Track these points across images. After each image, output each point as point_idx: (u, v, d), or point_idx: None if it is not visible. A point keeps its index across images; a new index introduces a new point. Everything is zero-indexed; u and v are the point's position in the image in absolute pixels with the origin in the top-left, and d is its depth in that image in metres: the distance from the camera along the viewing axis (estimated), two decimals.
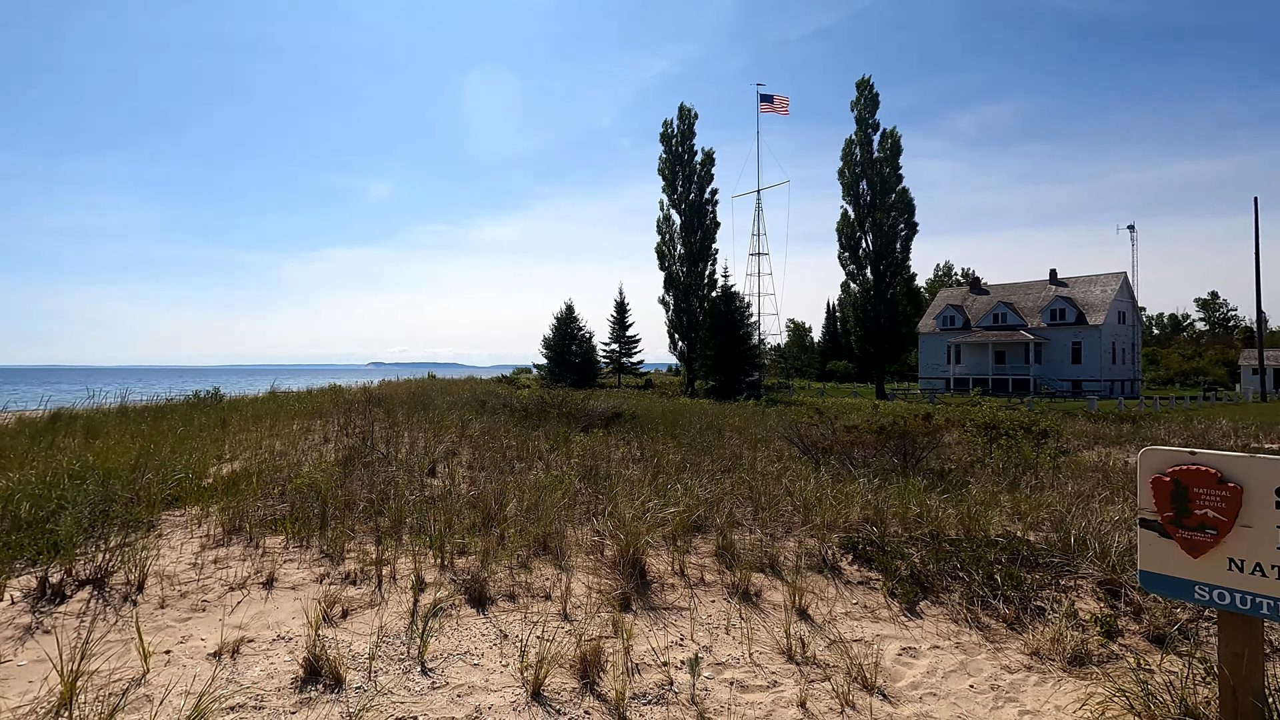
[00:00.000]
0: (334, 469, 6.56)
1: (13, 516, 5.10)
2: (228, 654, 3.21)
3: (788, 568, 4.64)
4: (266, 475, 6.41)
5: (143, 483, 5.92)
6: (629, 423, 12.95)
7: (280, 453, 8.50)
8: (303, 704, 2.83)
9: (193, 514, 5.49)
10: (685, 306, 43.10)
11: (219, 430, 10.48)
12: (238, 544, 4.77)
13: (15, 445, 8.49)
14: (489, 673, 3.18)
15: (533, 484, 6.31)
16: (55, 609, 3.58)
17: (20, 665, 3.04)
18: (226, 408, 13.70)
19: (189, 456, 7.50)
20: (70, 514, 4.88)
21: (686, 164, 43.22)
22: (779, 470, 7.75)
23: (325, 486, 5.64)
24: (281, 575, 4.21)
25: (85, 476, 5.85)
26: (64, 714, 2.65)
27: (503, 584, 4.18)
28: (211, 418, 12.05)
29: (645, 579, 4.38)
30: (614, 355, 50.70)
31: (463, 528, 5.04)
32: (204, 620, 3.58)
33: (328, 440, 9.84)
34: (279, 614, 3.69)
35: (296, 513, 5.16)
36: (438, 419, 11.72)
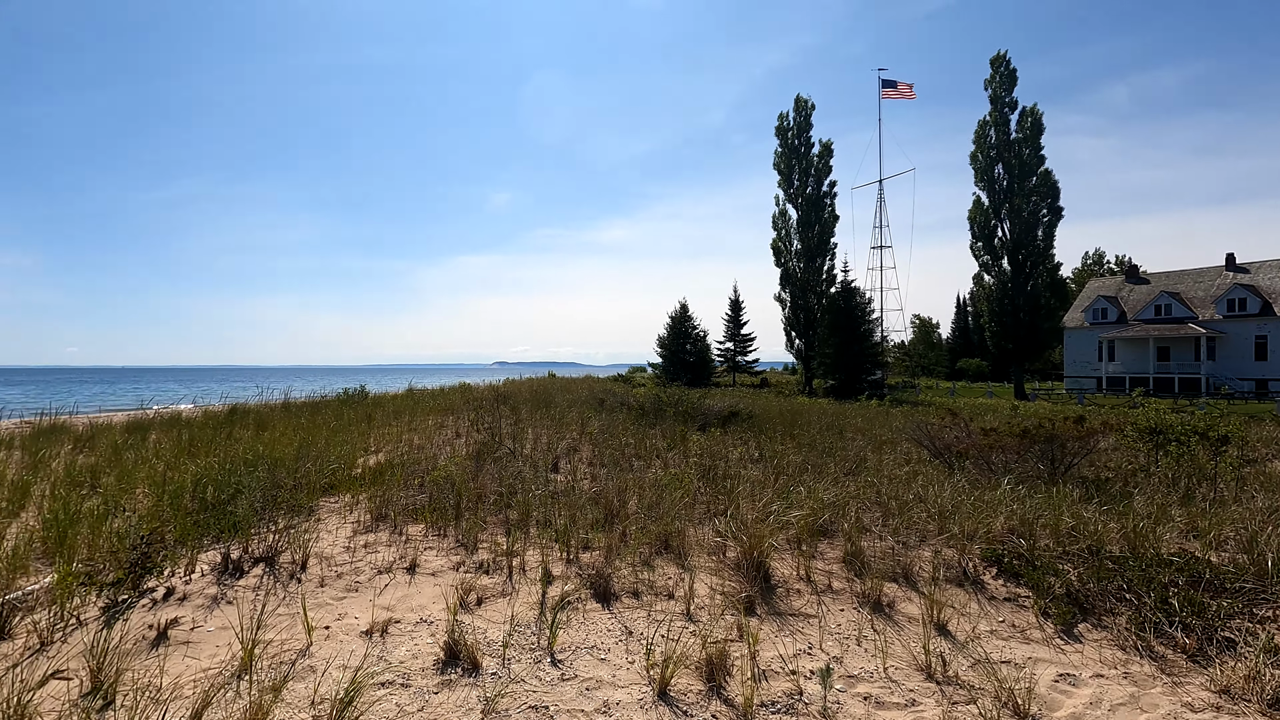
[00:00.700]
0: (466, 463, 6.93)
1: (200, 499, 5.82)
2: (378, 633, 3.47)
3: (923, 579, 4.36)
4: (407, 467, 6.88)
5: (304, 471, 6.54)
6: (746, 422, 12.77)
7: (418, 446, 9.11)
8: (444, 685, 2.99)
9: (345, 501, 6.00)
10: (802, 303, 41.90)
11: (365, 425, 11.42)
12: (384, 530, 5.16)
13: (201, 436, 9.69)
14: (615, 668, 3.22)
15: (652, 482, 6.36)
16: (236, 583, 4.03)
17: (209, 631, 3.44)
18: (371, 404, 14.91)
19: (341, 449, 8.22)
20: (246, 498, 5.49)
21: (803, 157, 41.98)
22: (908, 474, 7.32)
23: (459, 479, 5.97)
24: (423, 562, 4.50)
25: (257, 464, 6.56)
26: (244, 678, 2.96)
27: (626, 581, 4.23)
28: (359, 413, 13.16)
29: (769, 583, 4.28)
30: (728, 354, 50.24)
31: (586, 523, 5.16)
32: (357, 600, 3.89)
33: (459, 435, 10.44)
34: (421, 598, 3.94)
35: (434, 503, 5.50)
36: (558, 417, 12.12)
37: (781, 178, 42.76)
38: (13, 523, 5.55)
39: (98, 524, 4.97)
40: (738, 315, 50.12)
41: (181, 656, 3.16)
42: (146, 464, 7.61)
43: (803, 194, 41.79)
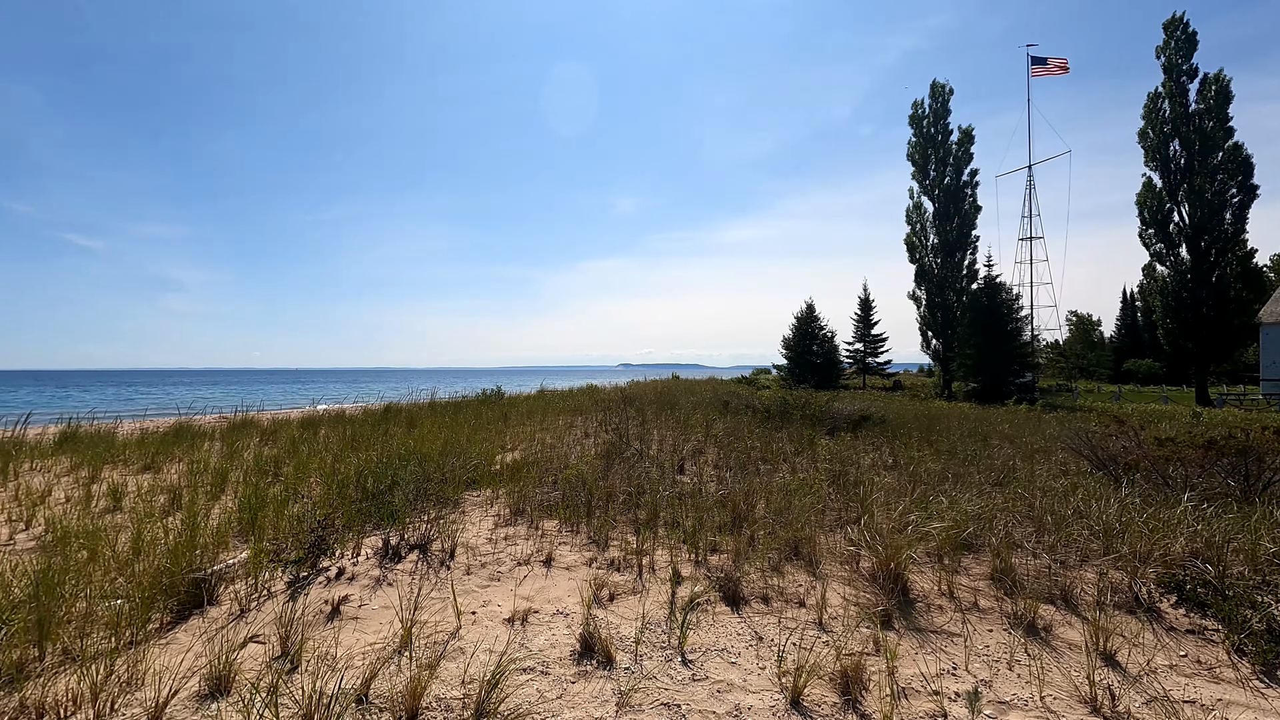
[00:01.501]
0: (596, 462, 7.16)
1: (363, 488, 6.44)
2: (518, 621, 3.67)
3: (1086, 603, 3.97)
4: (541, 465, 7.22)
5: (450, 467, 7.05)
6: (878, 427, 12.20)
7: (550, 445, 9.52)
8: (580, 676, 3.12)
9: (486, 495, 6.40)
10: (940, 301, 39.35)
11: (502, 424, 12.11)
12: (522, 524, 5.45)
13: (361, 432, 10.71)
14: (746, 673, 3.20)
15: (779, 487, 6.25)
16: (395, 566, 4.42)
17: (374, 609, 3.80)
18: (506, 405, 15.79)
19: (481, 446, 8.78)
20: (401, 490, 6.01)
21: (940, 145, 39.46)
22: (1066, 487, 6.67)
23: (590, 478, 6.18)
24: (557, 556, 4.71)
25: (409, 459, 7.15)
26: (404, 654, 3.25)
27: (755, 585, 4.19)
28: (495, 413, 13.98)
29: (908, 597, 4.07)
30: (858, 355, 48.22)
31: (713, 525, 5.17)
32: (499, 589, 4.14)
33: (588, 436, 10.80)
34: (557, 591, 4.13)
35: (567, 500, 5.74)
36: (683, 418, 12.20)
37: (916, 169, 40.44)
38: (215, 504, 6.44)
39: (280, 508, 5.64)
40: (868, 315, 47.99)
41: (351, 630, 3.52)
42: (317, 456, 8.52)
43: (940, 185, 39.29)
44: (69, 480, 7.62)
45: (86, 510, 6.21)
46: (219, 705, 2.80)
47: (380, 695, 2.86)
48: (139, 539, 4.81)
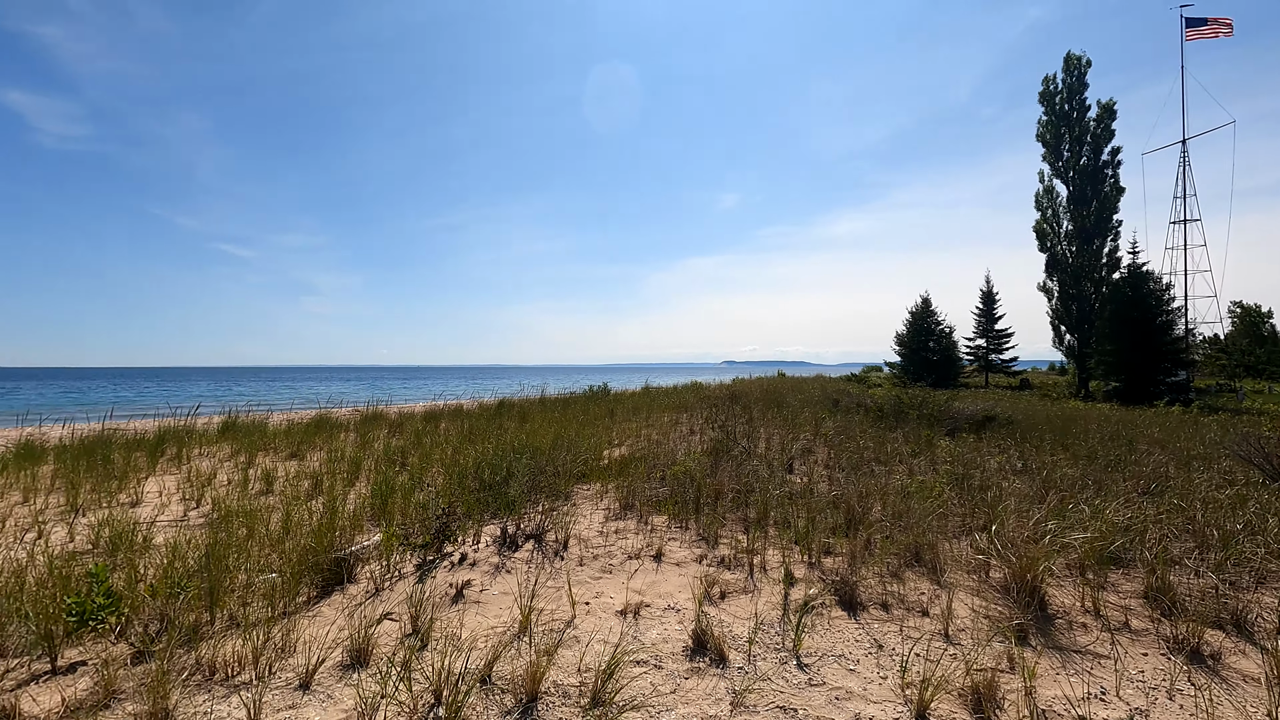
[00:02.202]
0: (703, 459, 7.13)
1: (480, 479, 6.75)
2: (630, 614, 3.71)
3: (1264, 630, 3.51)
4: (649, 461, 7.28)
5: (561, 460, 7.26)
6: (1004, 428, 11.37)
7: (656, 441, 9.59)
8: (693, 672, 3.11)
9: (596, 489, 6.54)
10: (1075, 293, 36.04)
11: (608, 420, 12.34)
12: (631, 519, 5.52)
13: (478, 425, 11.25)
14: (866, 681, 3.07)
15: (896, 489, 5.96)
16: (512, 555, 4.60)
17: (494, 595, 3.97)
18: (613, 401, 16.08)
19: (589, 440, 8.98)
20: (516, 482, 6.25)
21: (1075, 123, 36.10)
22: (1233, 498, 5.92)
23: (698, 475, 6.16)
24: (667, 552, 4.73)
25: (522, 452, 7.43)
26: (523, 639, 3.37)
27: (874, 591, 4.01)
28: (602, 409, 14.27)
29: (1045, 612, 3.76)
30: (979, 352, 45.14)
31: (825, 527, 5.01)
32: (611, 582, 4.21)
33: (693, 433, 10.79)
34: (667, 586, 4.14)
35: (675, 496, 5.75)
36: (791, 417, 11.93)
37: (1047, 150, 37.27)
38: (351, 490, 6.97)
39: (407, 496, 6.02)
40: (991, 308, 44.81)
41: (474, 613, 3.70)
42: (439, 447, 9.04)
43: (1075, 166, 35.99)
44: (229, 465, 8.52)
45: (244, 492, 6.92)
46: (359, 675, 3.03)
47: (502, 677, 2.98)
48: (288, 519, 5.29)
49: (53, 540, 5.27)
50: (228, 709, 2.77)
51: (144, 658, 3.20)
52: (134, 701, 2.80)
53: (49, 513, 6.12)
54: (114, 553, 4.80)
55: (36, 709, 2.76)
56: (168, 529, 5.65)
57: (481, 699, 2.83)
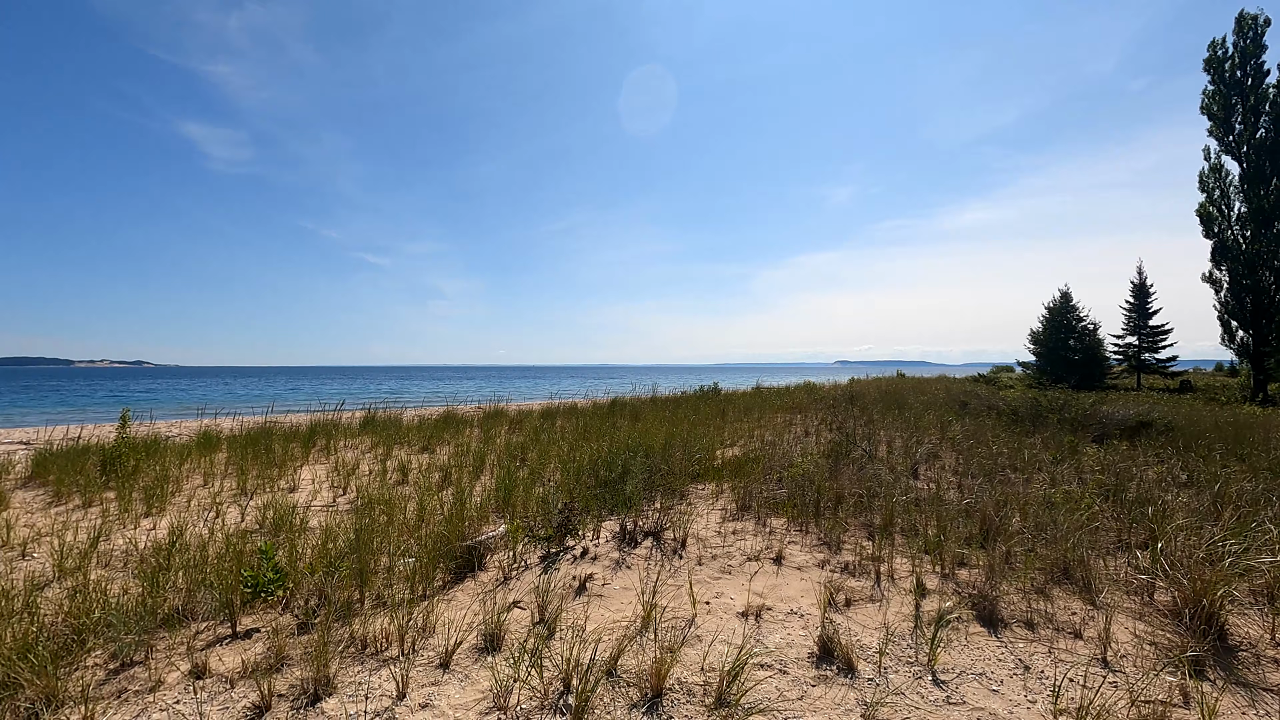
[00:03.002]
0: (821, 462, 6.92)
1: (596, 476, 6.91)
2: (752, 616, 3.66)
3: None
4: (764, 462, 7.16)
5: (674, 459, 7.29)
6: (1163, 435, 10.20)
7: (769, 442, 9.41)
8: (820, 680, 3.01)
9: (711, 489, 6.51)
10: (1249, 283, 31.67)
11: (719, 420, 12.25)
12: (749, 520, 5.45)
13: (592, 423, 11.52)
14: (1011, 704, 2.85)
15: (1038, 499, 5.50)
16: (631, 551, 4.67)
17: (615, 589, 4.05)
18: (723, 401, 15.97)
19: (702, 440, 8.96)
20: (632, 480, 6.35)
21: (1250, 91, 31.71)
22: None
23: (817, 478, 5.98)
24: (787, 555, 4.62)
25: (636, 451, 7.53)
26: (645, 634, 3.41)
27: (1017, 608, 3.72)
28: (713, 408, 14.19)
29: (1225, 642, 3.33)
30: (1129, 351, 40.75)
31: (958, 537, 4.71)
32: (730, 582, 4.17)
33: (808, 434, 10.50)
34: (789, 590, 4.05)
35: (794, 499, 5.61)
36: (913, 419, 11.32)
37: (1214, 123, 33.02)
38: (477, 483, 7.35)
39: (528, 490, 6.26)
40: (1144, 302, 40.32)
41: (597, 606, 3.78)
42: (555, 444, 9.35)
43: (1250, 140, 31.67)
44: (370, 456, 9.24)
45: (383, 482, 7.47)
46: (493, 659, 3.18)
47: (627, 670, 3.03)
48: (422, 508, 5.66)
49: (227, 519, 5.93)
50: (378, 681, 2.99)
51: (306, 629, 3.53)
52: (300, 668, 3.09)
53: (224, 495, 6.89)
54: (277, 532, 5.33)
55: (223, 668, 3.12)
56: (320, 513, 6.20)
57: (608, 690, 2.89)
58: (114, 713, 2.76)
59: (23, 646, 2.99)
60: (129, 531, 5.49)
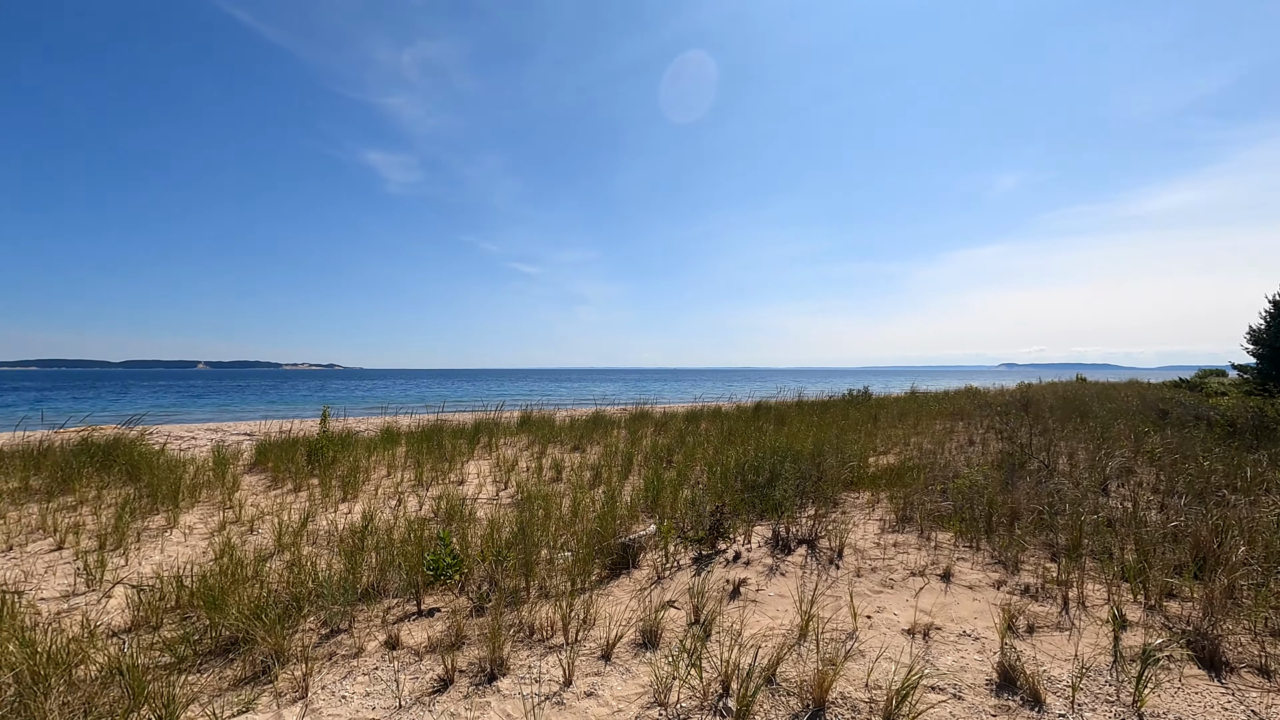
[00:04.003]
0: (991, 473, 6.38)
1: (743, 480, 6.85)
2: (919, 635, 3.44)
3: None
4: (924, 471, 6.72)
5: (826, 465, 7.04)
6: None
7: (928, 450, 8.82)
8: (1001, 710, 2.77)
9: (866, 498, 6.22)
10: None
11: (871, 425, 11.67)
12: (909, 533, 5.13)
13: (736, 426, 11.43)
14: None
15: (1270, 524, 4.68)
16: (785, 558, 4.58)
17: (769, 595, 3.98)
18: (874, 405, 15.19)
19: (853, 446, 8.59)
20: (781, 485, 6.22)
21: None
22: None
23: (987, 491, 5.52)
24: (956, 572, 4.30)
25: (784, 455, 7.36)
26: (804, 644, 3.32)
27: (1246, 650, 3.20)
28: (863, 413, 13.56)
29: None
30: None
31: (1165, 564, 4.13)
32: (892, 597, 3.95)
33: (973, 443, 9.71)
34: (960, 610, 3.76)
35: (961, 513, 5.21)
36: (1099, 429, 10.09)
37: None
38: (625, 483, 7.55)
39: (675, 491, 6.33)
40: None
41: (751, 611, 3.74)
42: (700, 446, 9.38)
43: None
44: (527, 454, 9.81)
45: (539, 479, 7.90)
46: (651, 655, 3.25)
47: (787, 679, 2.97)
48: (576, 505, 5.91)
49: (408, 507, 6.55)
50: (546, 666, 3.16)
51: (480, 612, 3.81)
52: (477, 647, 3.35)
53: (404, 485, 7.63)
54: (450, 521, 5.81)
55: (412, 641, 3.45)
56: (485, 505, 6.67)
57: (768, 697, 2.84)
58: (326, 672, 3.14)
59: (256, 608, 3.49)
60: (330, 514, 6.23)
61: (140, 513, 6.00)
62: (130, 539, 5.31)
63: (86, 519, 5.82)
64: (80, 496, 6.46)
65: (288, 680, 3.04)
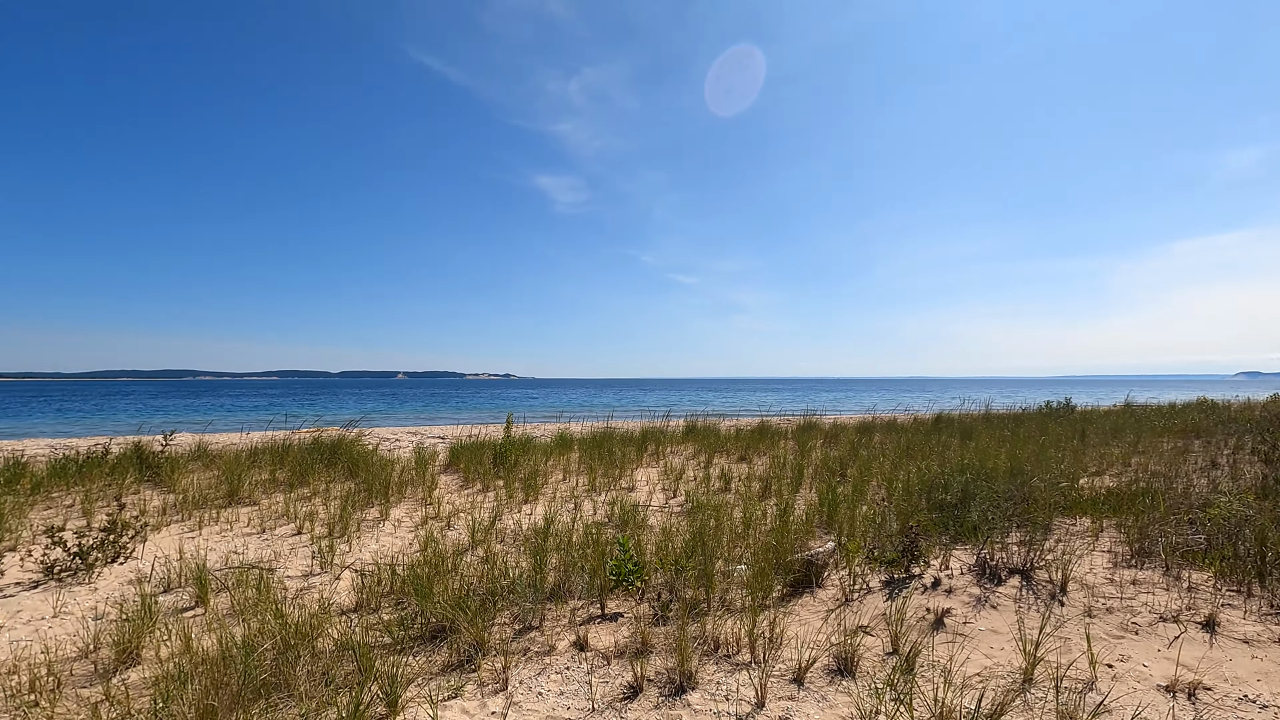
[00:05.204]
0: (1257, 503, 5.28)
1: (929, 498, 6.27)
2: (1182, 694, 2.87)
3: None
4: (1161, 497, 5.73)
5: (1030, 486, 6.26)
6: None
7: (1157, 473, 7.55)
8: None
9: (1085, 525, 5.42)
10: None
11: (1078, 442, 10.27)
12: (1151, 569, 4.36)
13: (914, 440, 10.60)
14: None
15: None
16: (994, 588, 4.07)
17: (980, 630, 3.55)
18: (1079, 419, 13.40)
19: (1056, 465, 7.57)
20: (977, 506, 5.61)
21: None
22: None
23: (1257, 524, 4.56)
24: (1224, 621, 3.56)
25: (976, 473, 6.65)
26: (1029, 689, 2.90)
27: None
28: (1065, 428, 12.00)
29: None
30: None
31: None
32: (1138, 645, 3.35)
33: (1216, 465, 8.18)
34: (1234, 668, 3.08)
35: (1221, 549, 4.35)
36: None
37: None
38: (797, 495, 7.24)
39: (852, 507, 5.94)
40: None
41: (960, 647, 3.35)
42: (876, 460, 8.79)
43: None
44: (693, 462, 9.78)
45: (707, 488, 7.82)
46: (848, 684, 3.01)
47: None
48: (748, 517, 5.74)
49: (583, 511, 6.76)
50: (735, 684, 3.04)
51: (662, 620, 3.78)
52: (662, 657, 3.31)
53: (579, 489, 7.91)
54: (624, 527, 5.90)
55: (599, 645, 3.49)
56: (656, 513, 6.71)
57: None
58: (522, 666, 3.26)
59: (458, 599, 3.73)
60: (514, 514, 6.60)
61: (359, 505, 6.74)
62: (352, 528, 5.97)
63: (319, 508, 6.65)
64: (314, 489, 7.41)
65: (489, 671, 3.19)
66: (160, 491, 7.38)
